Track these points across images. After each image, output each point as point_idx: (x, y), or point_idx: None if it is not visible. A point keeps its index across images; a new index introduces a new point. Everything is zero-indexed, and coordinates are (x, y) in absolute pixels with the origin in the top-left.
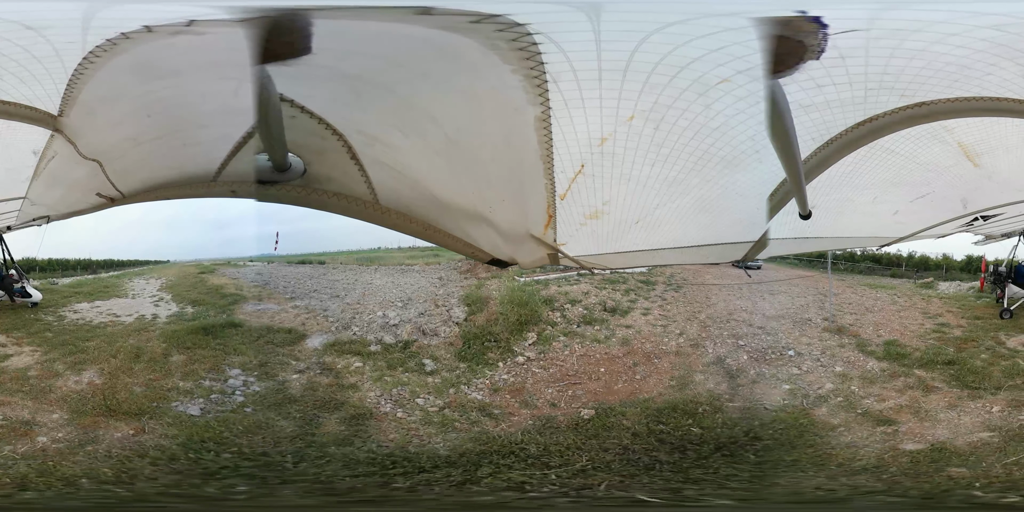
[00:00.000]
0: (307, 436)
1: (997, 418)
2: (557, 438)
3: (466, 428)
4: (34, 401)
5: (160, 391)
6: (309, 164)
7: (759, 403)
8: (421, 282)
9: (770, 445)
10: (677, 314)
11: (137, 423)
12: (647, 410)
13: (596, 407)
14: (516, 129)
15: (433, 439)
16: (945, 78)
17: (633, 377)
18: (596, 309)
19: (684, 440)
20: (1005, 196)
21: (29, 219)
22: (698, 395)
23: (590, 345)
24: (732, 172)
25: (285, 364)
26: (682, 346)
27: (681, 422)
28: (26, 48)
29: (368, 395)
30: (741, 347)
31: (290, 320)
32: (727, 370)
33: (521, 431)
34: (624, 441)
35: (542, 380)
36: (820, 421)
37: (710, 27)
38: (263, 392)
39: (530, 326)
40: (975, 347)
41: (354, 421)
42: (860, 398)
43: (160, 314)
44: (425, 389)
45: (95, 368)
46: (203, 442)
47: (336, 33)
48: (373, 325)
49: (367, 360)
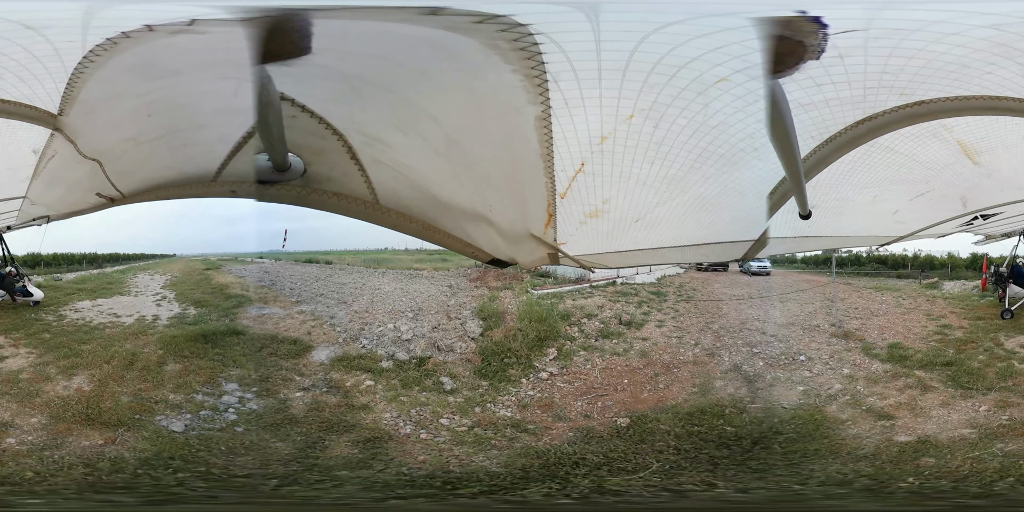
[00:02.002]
0: (306, 459)
1: (982, 416)
2: (608, 446)
3: (505, 445)
4: (18, 404)
5: (147, 403)
6: (309, 164)
7: (777, 403)
8: (431, 290)
9: (793, 438)
10: (691, 325)
11: (112, 433)
12: (679, 415)
13: (629, 415)
14: (516, 128)
15: (475, 458)
16: (944, 77)
17: (656, 386)
18: (612, 323)
19: (723, 438)
20: (1005, 195)
21: (29, 219)
22: (721, 399)
23: (610, 358)
24: (731, 170)
25: (288, 380)
26: (699, 356)
27: (714, 423)
28: (26, 47)
29: (383, 416)
30: (756, 354)
31: (295, 328)
32: (745, 376)
33: (567, 443)
34: (672, 443)
35: (569, 394)
36: (831, 416)
37: (709, 27)
38: (260, 411)
39: (549, 341)
40: (974, 348)
41: (369, 444)
42: (864, 396)
43: (161, 315)
44: (448, 409)
45: (86, 373)
46: (170, 459)
47: (336, 33)
48: (384, 339)
49: (379, 378)
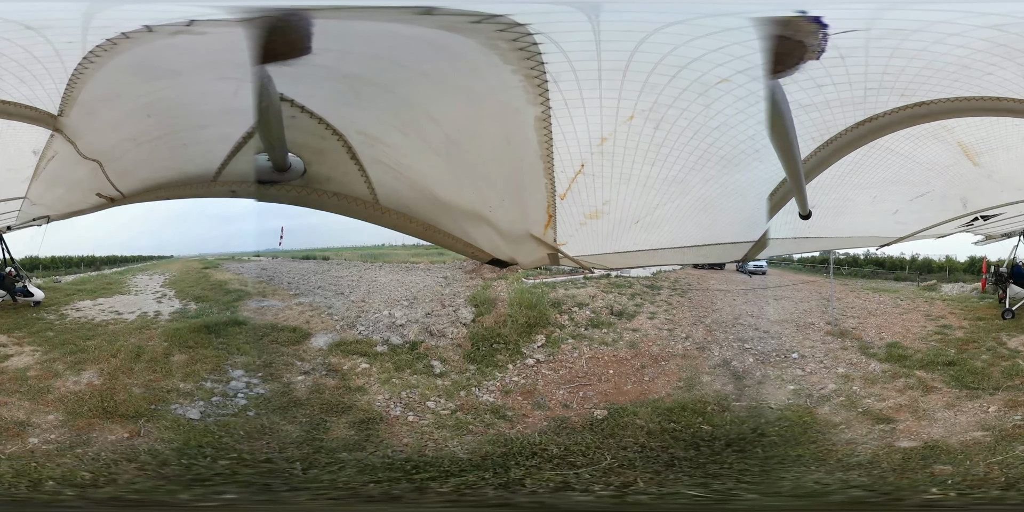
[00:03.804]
0: (315, 441)
1: (992, 418)
2: (576, 438)
3: (482, 431)
4: (31, 402)
5: (159, 393)
6: (309, 164)
7: (764, 402)
8: (427, 281)
9: (776, 441)
10: (683, 319)
11: (133, 426)
12: (658, 409)
13: (608, 408)
14: (516, 129)
15: (449, 443)
16: (945, 78)
17: (642, 379)
18: (603, 313)
19: (696, 437)
20: (1005, 195)
21: (29, 219)
22: (706, 395)
23: (598, 348)
24: (732, 171)
25: (290, 365)
26: (688, 349)
27: (691, 420)
28: (26, 48)
29: (376, 398)
30: (747, 350)
31: (294, 318)
32: (733, 372)
33: (538, 432)
34: (640, 439)
35: (552, 382)
36: (822, 419)
37: (710, 27)
38: (267, 395)
39: (539, 328)
40: (976, 348)
41: (363, 425)
42: (861, 398)
43: (163, 311)
44: (435, 392)
45: (95, 368)
46: (200, 447)
47: (336, 33)
48: (379, 324)
49: (374, 361)
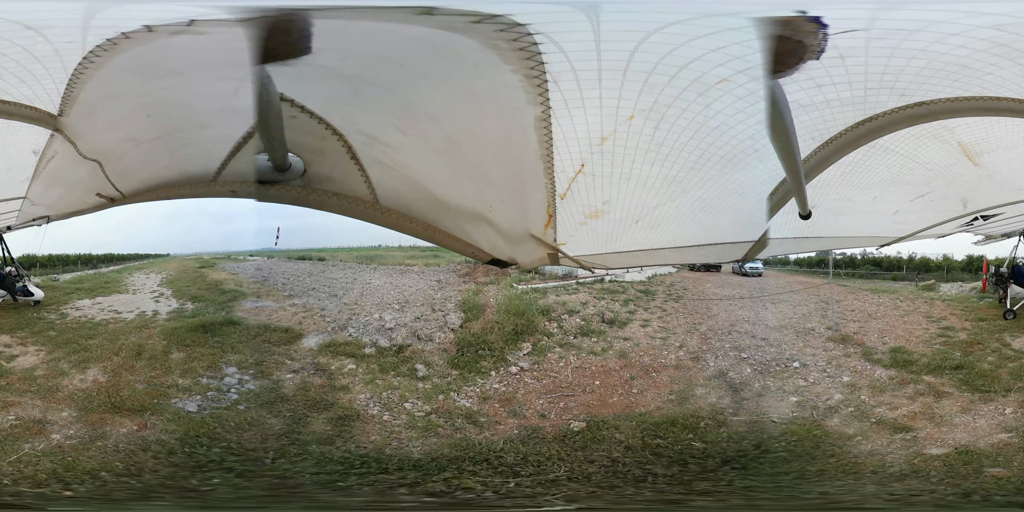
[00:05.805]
0: (292, 434)
1: (1011, 419)
2: (540, 448)
3: (448, 434)
4: (43, 400)
5: (161, 388)
6: (309, 164)
7: (766, 416)
8: (419, 284)
9: (785, 457)
10: (677, 326)
11: (140, 419)
12: (643, 424)
13: (588, 419)
14: (516, 129)
15: (412, 443)
16: (945, 78)
17: (629, 391)
18: (594, 320)
19: (684, 454)
20: (1005, 195)
21: (29, 219)
22: (699, 409)
23: (586, 357)
24: (732, 171)
25: (280, 363)
26: (682, 359)
27: (680, 436)
28: (26, 48)
29: (358, 397)
30: (744, 359)
31: (287, 319)
32: (730, 384)
33: (504, 440)
34: (614, 454)
35: (534, 391)
36: (834, 431)
37: (710, 27)
38: (257, 390)
39: (525, 336)
40: (981, 350)
41: (340, 422)
42: (872, 407)
43: (160, 310)
44: (415, 394)
45: (99, 366)
46: (198, 437)
47: (336, 33)
48: (369, 327)
49: (360, 362)
